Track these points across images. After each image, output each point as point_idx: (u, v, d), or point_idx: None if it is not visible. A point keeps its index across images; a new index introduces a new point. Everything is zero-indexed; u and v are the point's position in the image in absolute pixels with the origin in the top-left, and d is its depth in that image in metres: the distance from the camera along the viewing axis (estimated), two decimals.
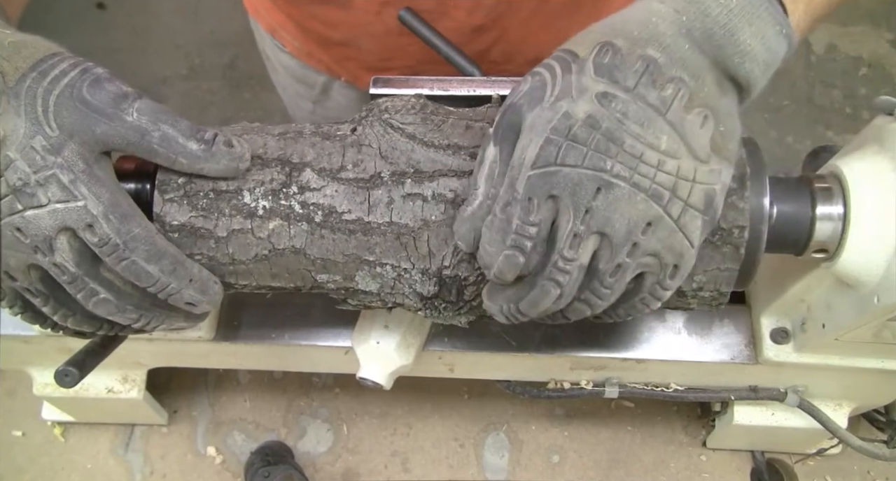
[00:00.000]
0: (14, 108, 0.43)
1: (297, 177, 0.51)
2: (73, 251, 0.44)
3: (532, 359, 0.76)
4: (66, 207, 0.43)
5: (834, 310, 0.64)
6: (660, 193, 0.42)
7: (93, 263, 0.45)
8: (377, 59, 0.78)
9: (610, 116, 0.41)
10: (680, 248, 0.44)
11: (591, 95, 0.42)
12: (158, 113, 0.46)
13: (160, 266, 0.46)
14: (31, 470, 0.99)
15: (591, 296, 0.45)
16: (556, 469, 0.99)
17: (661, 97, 0.42)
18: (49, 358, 0.81)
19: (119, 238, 0.44)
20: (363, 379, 0.70)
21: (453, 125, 0.52)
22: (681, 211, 0.43)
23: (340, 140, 0.53)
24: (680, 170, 0.42)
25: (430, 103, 0.54)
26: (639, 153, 0.42)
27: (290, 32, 0.81)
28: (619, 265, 0.43)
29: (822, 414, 0.79)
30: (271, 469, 0.90)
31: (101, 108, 0.44)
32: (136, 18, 1.89)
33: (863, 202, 0.54)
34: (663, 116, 0.42)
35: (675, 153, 0.42)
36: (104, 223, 0.44)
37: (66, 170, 0.43)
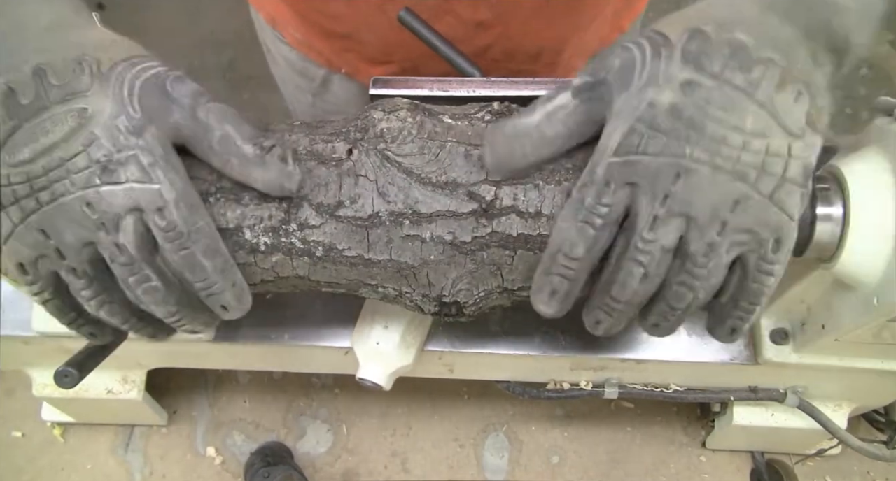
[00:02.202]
0: (103, 90, 0.45)
1: (296, 214, 0.52)
2: (137, 234, 0.45)
3: (532, 359, 0.76)
4: (143, 188, 0.44)
5: (834, 311, 0.64)
6: (744, 173, 0.42)
7: (151, 250, 0.46)
8: (378, 53, 0.78)
9: (694, 104, 0.42)
10: (777, 222, 0.44)
11: (676, 83, 0.43)
12: (227, 114, 0.48)
13: (214, 263, 0.47)
14: (31, 470, 0.99)
15: (688, 279, 0.45)
16: (555, 469, 0.99)
17: (749, 79, 0.42)
18: (49, 358, 0.81)
19: (185, 226, 0.45)
20: (363, 380, 0.70)
21: (451, 152, 0.51)
22: (774, 186, 0.43)
23: (336, 165, 0.52)
24: (770, 148, 0.42)
25: (428, 115, 0.53)
26: (720, 136, 0.42)
27: (291, 23, 0.81)
28: (710, 244, 0.43)
29: (821, 415, 0.79)
30: (271, 469, 0.90)
31: (179, 99, 0.46)
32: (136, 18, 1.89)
33: (862, 203, 0.54)
34: (751, 97, 0.42)
35: (762, 132, 0.42)
36: (174, 209, 0.45)
37: (146, 152, 0.44)
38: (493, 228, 0.50)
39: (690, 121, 0.42)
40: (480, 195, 0.50)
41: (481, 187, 0.50)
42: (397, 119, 0.52)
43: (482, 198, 0.50)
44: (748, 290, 0.46)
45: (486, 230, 0.50)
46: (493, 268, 0.52)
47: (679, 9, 0.46)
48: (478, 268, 0.52)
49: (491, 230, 0.50)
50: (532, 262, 0.52)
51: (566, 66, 0.82)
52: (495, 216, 0.50)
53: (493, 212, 0.50)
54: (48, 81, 0.45)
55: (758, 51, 0.43)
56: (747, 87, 0.42)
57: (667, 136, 0.42)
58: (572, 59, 0.81)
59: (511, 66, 0.77)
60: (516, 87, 0.60)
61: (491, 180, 0.50)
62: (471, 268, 0.52)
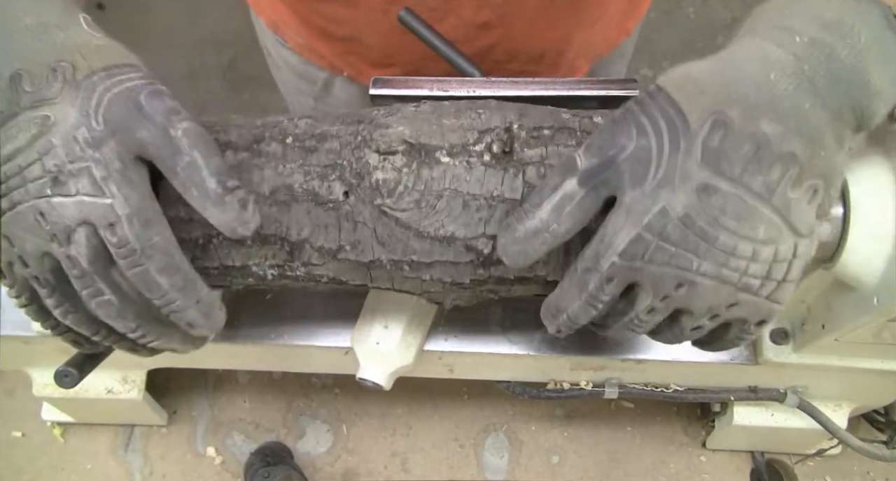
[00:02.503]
0: (71, 99, 0.44)
1: (299, 255, 0.53)
2: (90, 247, 0.44)
3: (532, 359, 0.76)
4: (93, 202, 0.43)
5: (834, 311, 0.64)
6: (749, 284, 0.43)
7: (106, 263, 0.45)
8: (380, 55, 0.78)
9: (707, 212, 0.41)
10: (767, 312, 0.45)
11: (692, 186, 0.41)
12: (199, 140, 0.45)
13: (172, 280, 0.45)
14: (31, 470, 0.99)
15: (670, 337, 0.48)
16: (555, 469, 0.99)
17: (767, 183, 0.41)
18: (49, 358, 0.81)
19: (138, 243, 0.44)
20: (363, 380, 0.70)
21: (449, 203, 0.51)
22: (774, 288, 0.43)
23: (334, 208, 0.52)
24: (777, 254, 0.42)
25: (425, 157, 0.51)
26: (731, 248, 0.41)
27: (292, 27, 0.81)
28: (698, 326, 0.45)
29: (821, 415, 0.79)
30: (271, 469, 0.90)
31: (151, 115, 0.45)
32: (136, 18, 1.89)
33: (862, 204, 0.54)
34: (767, 202, 0.41)
35: (773, 239, 0.42)
36: (126, 225, 0.43)
37: (101, 165, 0.43)
38: (491, 273, 0.53)
39: (702, 232, 0.41)
40: (479, 248, 0.51)
41: (479, 241, 0.51)
42: (392, 168, 0.51)
43: (480, 251, 0.51)
44: (722, 342, 0.48)
45: (484, 274, 0.53)
46: (491, 293, 0.56)
47: (679, 7, 0.45)
48: (476, 295, 0.56)
49: (489, 274, 0.53)
50: (529, 289, 0.56)
51: (569, 67, 0.82)
52: (493, 264, 0.52)
53: (490, 261, 0.52)
54: (22, 87, 0.44)
55: (781, 144, 0.41)
56: (764, 192, 0.41)
57: (675, 247, 0.41)
58: (576, 60, 0.81)
59: (513, 67, 0.77)
60: (516, 87, 0.60)
61: (488, 234, 0.51)
62: (469, 295, 0.56)
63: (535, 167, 0.51)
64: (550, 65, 0.79)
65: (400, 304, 0.70)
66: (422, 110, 0.53)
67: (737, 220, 0.41)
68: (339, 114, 0.55)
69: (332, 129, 0.53)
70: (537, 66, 0.78)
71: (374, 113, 0.54)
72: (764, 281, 0.43)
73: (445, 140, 0.51)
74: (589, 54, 0.83)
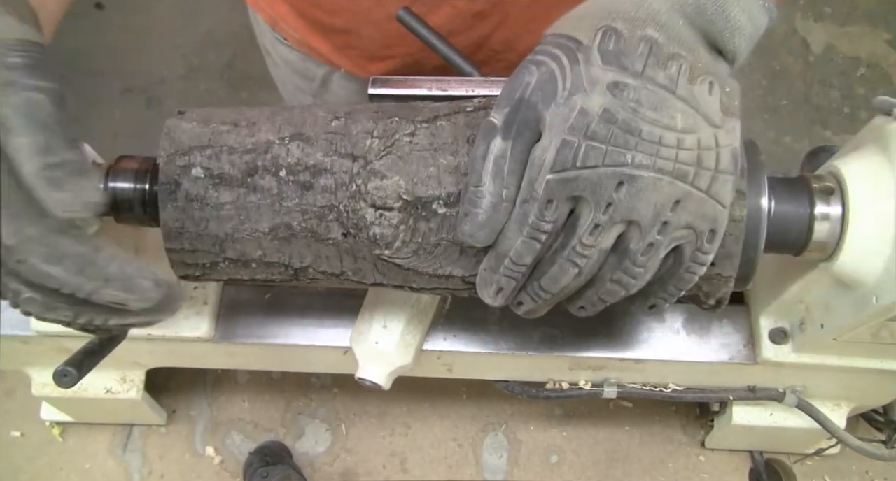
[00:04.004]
0: None
1: (303, 275, 0.56)
2: None
3: (530, 359, 0.76)
4: None
5: (832, 311, 0.64)
6: (684, 172, 0.43)
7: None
8: (378, 47, 0.77)
9: (625, 106, 0.42)
10: (713, 213, 0.44)
11: (602, 86, 0.42)
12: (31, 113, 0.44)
13: (63, 267, 0.43)
14: (30, 470, 0.98)
15: (623, 277, 0.45)
16: (554, 469, 0.99)
17: (668, 75, 0.43)
18: (48, 358, 0.81)
19: (10, 240, 0.42)
20: (362, 380, 0.70)
21: (447, 250, 0.52)
22: (710, 179, 0.43)
23: (334, 244, 0.54)
24: (701, 142, 0.43)
25: (422, 211, 0.51)
26: (657, 137, 0.42)
27: (290, 23, 0.81)
28: (650, 244, 0.44)
29: (820, 415, 0.79)
30: (270, 469, 0.90)
31: None
32: (135, 18, 1.89)
33: (861, 202, 0.54)
34: (674, 94, 0.43)
35: (692, 127, 0.43)
36: None
37: None
38: None
39: (626, 125, 0.42)
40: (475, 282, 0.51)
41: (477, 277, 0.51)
42: (389, 224, 0.52)
43: None
44: (679, 277, 0.47)
45: None
46: None
47: None
48: None
49: None
50: None
51: None
52: None
53: None
54: None
55: (668, 47, 0.43)
56: (669, 83, 0.43)
57: (605, 144, 0.42)
58: None
59: (512, 57, 0.76)
60: None
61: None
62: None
63: None
64: None
65: (399, 304, 0.71)
66: (418, 144, 0.52)
67: (654, 111, 0.42)
68: (330, 131, 0.53)
69: (326, 161, 0.53)
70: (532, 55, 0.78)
71: (368, 143, 0.53)
72: (697, 169, 0.43)
73: (442, 187, 0.51)
74: None
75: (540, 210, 0.43)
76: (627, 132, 0.42)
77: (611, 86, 0.42)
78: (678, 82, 0.43)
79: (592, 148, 0.42)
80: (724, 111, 0.44)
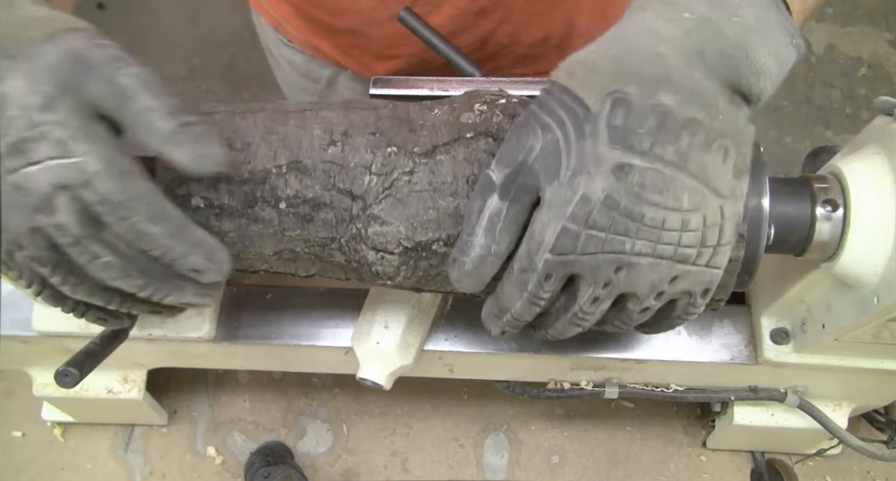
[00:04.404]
0: (16, 70, 0.43)
1: (310, 278, 0.58)
2: (75, 212, 0.43)
3: (532, 359, 0.76)
4: (61, 164, 0.42)
5: (834, 311, 0.64)
6: (686, 255, 0.43)
7: (96, 226, 0.44)
8: (383, 46, 0.77)
9: (628, 190, 0.41)
10: (709, 279, 0.45)
11: (607, 168, 0.41)
12: (149, 83, 0.44)
13: (163, 227, 0.44)
14: (31, 470, 0.98)
15: (619, 324, 0.48)
16: (555, 469, 0.99)
17: (678, 150, 0.41)
18: (49, 358, 0.81)
19: (119, 196, 0.43)
20: (363, 380, 0.70)
21: (446, 277, 0.53)
22: (711, 254, 0.43)
23: (340, 266, 0.56)
24: (707, 220, 0.42)
25: (423, 251, 0.53)
26: (660, 222, 0.41)
27: (294, 25, 0.81)
28: (646, 308, 0.45)
29: (821, 415, 0.79)
30: (271, 469, 0.90)
31: (96, 65, 0.43)
32: (136, 18, 1.90)
33: (862, 203, 0.54)
34: (683, 169, 0.41)
35: (699, 205, 0.42)
36: (102, 180, 0.42)
37: (59, 126, 0.42)
38: None
39: (628, 211, 0.41)
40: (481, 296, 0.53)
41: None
42: (390, 265, 0.53)
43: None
44: (670, 320, 0.49)
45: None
46: None
47: None
48: None
49: None
50: None
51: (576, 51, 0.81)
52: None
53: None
54: None
55: (682, 111, 0.41)
56: (678, 160, 0.41)
57: (605, 233, 0.41)
58: (584, 44, 0.81)
59: (518, 50, 0.76)
60: (516, 87, 0.60)
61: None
62: None
63: None
64: (556, 47, 0.78)
65: (400, 304, 0.71)
66: (417, 184, 0.52)
67: (659, 193, 0.41)
68: (327, 160, 0.53)
69: (325, 196, 0.53)
70: (544, 48, 0.77)
71: (366, 181, 0.52)
72: (700, 249, 0.43)
73: (442, 230, 0.52)
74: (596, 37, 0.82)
75: (539, 281, 0.44)
76: (629, 218, 0.41)
77: (616, 168, 0.41)
78: (689, 156, 0.41)
79: (592, 237, 0.42)
80: (736, 175, 0.43)
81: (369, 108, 0.55)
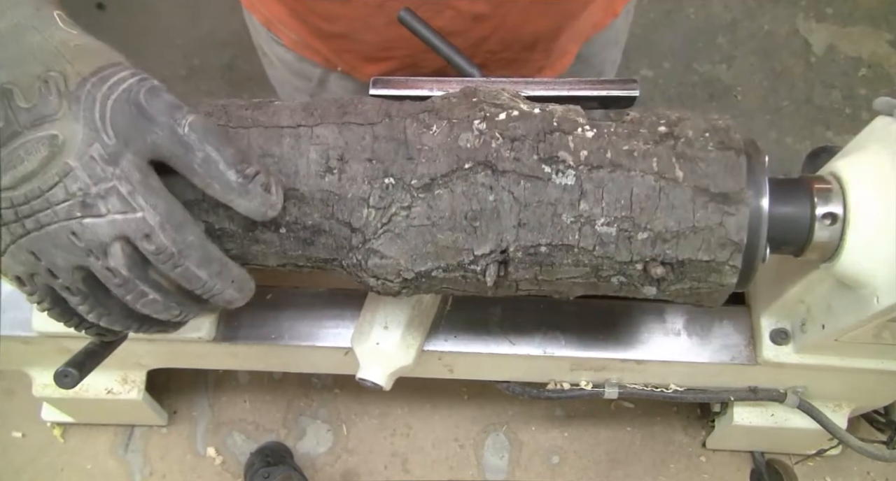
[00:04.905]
0: (73, 114, 0.44)
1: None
2: (127, 257, 0.45)
3: (532, 359, 0.76)
4: (125, 218, 0.44)
5: (834, 311, 0.64)
6: None
7: (143, 267, 0.46)
8: (377, 50, 0.77)
9: None
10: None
11: None
12: (209, 132, 0.46)
13: (209, 270, 0.47)
14: (31, 470, 0.98)
15: None
16: (555, 469, 0.99)
17: None
18: (48, 358, 0.81)
19: (175, 247, 0.45)
20: (363, 380, 0.70)
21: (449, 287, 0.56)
22: None
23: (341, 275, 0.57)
24: None
25: (424, 279, 0.54)
26: None
27: (287, 25, 0.81)
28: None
29: (821, 415, 0.79)
30: (271, 470, 0.90)
31: (155, 116, 0.45)
32: (136, 19, 1.89)
33: (862, 203, 0.54)
34: None
35: None
36: (161, 233, 0.45)
37: (124, 181, 0.44)
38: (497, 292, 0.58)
39: None
40: None
41: None
42: (391, 289, 0.55)
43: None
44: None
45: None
46: None
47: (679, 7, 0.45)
48: None
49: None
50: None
51: (561, 52, 0.82)
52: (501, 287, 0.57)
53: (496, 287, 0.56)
54: (16, 104, 0.44)
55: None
56: None
57: None
58: (567, 44, 0.81)
59: (507, 55, 0.77)
60: (515, 87, 0.60)
61: None
62: None
63: (528, 282, 0.55)
64: (543, 51, 0.79)
65: (400, 304, 0.71)
66: (415, 219, 0.52)
67: None
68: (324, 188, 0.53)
69: (324, 224, 0.53)
70: (531, 52, 0.78)
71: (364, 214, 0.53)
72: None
73: (441, 260, 0.53)
74: (578, 39, 0.83)
75: None
76: None
77: None
78: None
79: None
80: None
81: (365, 123, 0.54)
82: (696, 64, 1.86)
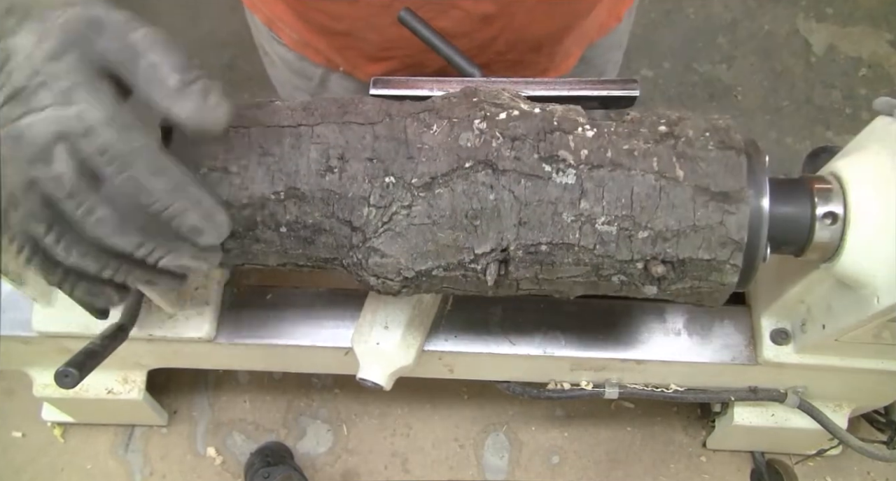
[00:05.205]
0: (28, 28, 0.43)
1: None
2: (73, 163, 0.42)
3: (532, 359, 0.76)
4: (63, 112, 0.42)
5: (834, 311, 0.64)
6: None
7: (92, 179, 0.43)
8: (379, 49, 0.77)
9: None
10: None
11: None
12: (158, 42, 0.45)
13: (162, 181, 0.43)
14: (31, 470, 0.98)
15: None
16: (555, 469, 0.99)
17: None
18: (49, 358, 0.81)
19: (119, 147, 0.42)
20: (363, 380, 0.70)
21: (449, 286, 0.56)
22: None
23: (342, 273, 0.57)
24: None
25: (425, 279, 0.54)
26: None
27: (289, 24, 0.81)
28: None
29: (822, 415, 0.79)
30: (271, 470, 0.90)
31: (109, 24, 0.44)
32: None
33: (863, 203, 0.54)
34: None
35: None
36: (103, 131, 0.42)
37: (64, 75, 0.42)
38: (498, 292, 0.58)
39: None
40: None
41: None
42: (391, 288, 0.55)
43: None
44: None
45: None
46: None
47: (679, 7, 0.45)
48: None
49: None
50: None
51: (565, 54, 0.82)
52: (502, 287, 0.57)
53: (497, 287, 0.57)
54: None
55: None
56: None
57: None
58: (571, 47, 0.81)
59: (512, 56, 0.77)
60: (516, 87, 0.60)
61: None
62: None
63: (529, 281, 0.54)
64: (548, 53, 0.79)
65: (400, 304, 0.71)
66: (416, 217, 0.52)
67: None
68: (324, 188, 0.53)
69: (325, 223, 0.53)
70: (536, 54, 0.78)
71: (365, 213, 0.53)
72: None
73: (442, 258, 0.53)
74: (583, 41, 0.83)
75: None
76: None
77: None
78: None
79: None
80: None
81: (365, 122, 0.54)
82: (696, 64, 1.86)
